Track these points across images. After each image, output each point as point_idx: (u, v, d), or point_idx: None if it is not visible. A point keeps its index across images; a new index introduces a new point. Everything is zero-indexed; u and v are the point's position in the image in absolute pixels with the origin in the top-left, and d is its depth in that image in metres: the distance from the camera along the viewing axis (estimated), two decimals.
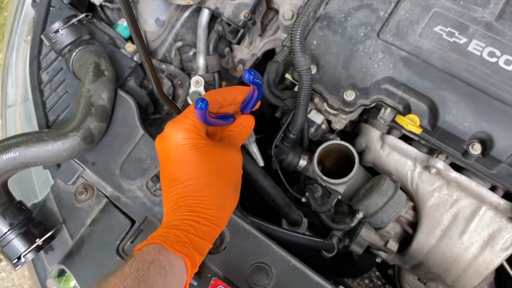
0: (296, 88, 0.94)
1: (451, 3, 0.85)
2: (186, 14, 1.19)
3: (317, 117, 0.96)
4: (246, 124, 0.74)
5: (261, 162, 0.93)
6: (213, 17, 1.14)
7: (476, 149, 0.79)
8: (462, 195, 0.88)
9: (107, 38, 1.03)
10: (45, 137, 0.82)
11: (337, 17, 0.89)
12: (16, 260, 0.81)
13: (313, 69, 0.88)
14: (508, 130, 0.77)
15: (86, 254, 0.85)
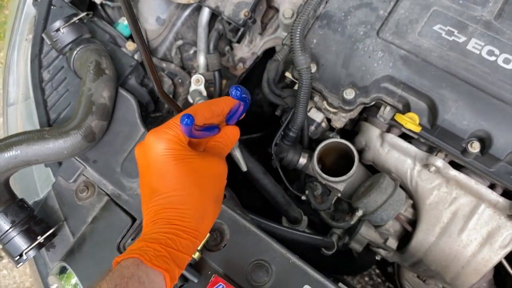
0: (296, 87, 0.94)
1: (450, 2, 0.85)
2: (187, 12, 1.20)
3: (317, 116, 0.97)
4: (231, 135, 0.73)
5: (244, 167, 0.94)
6: (213, 15, 1.14)
7: (475, 147, 0.79)
8: (461, 193, 0.88)
9: (107, 36, 1.04)
10: (47, 135, 0.82)
11: (337, 16, 0.89)
12: (18, 257, 0.81)
13: (313, 68, 0.88)
14: (507, 128, 0.78)
15: (87, 251, 0.86)
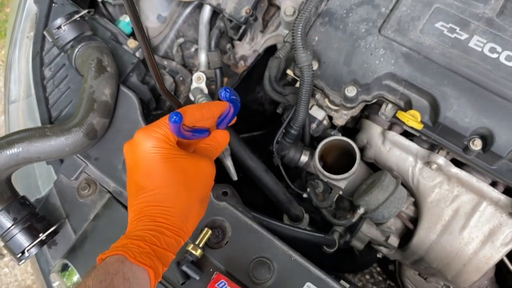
0: (297, 84, 0.94)
1: None
2: (188, 10, 1.19)
3: (318, 113, 0.97)
4: (221, 139, 0.74)
5: (235, 176, 0.94)
6: (214, 13, 1.14)
7: (476, 145, 0.79)
8: (463, 191, 0.88)
9: (109, 34, 1.03)
10: (48, 132, 0.82)
11: (338, 13, 0.89)
12: (20, 254, 0.82)
13: (315, 65, 0.88)
14: (509, 125, 0.78)
15: (89, 249, 0.86)
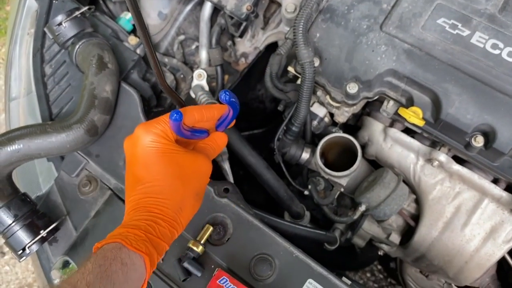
0: (299, 81, 0.94)
1: None
2: (189, 7, 1.19)
3: (319, 110, 0.97)
4: (219, 141, 0.76)
5: (231, 179, 0.95)
6: (215, 10, 1.14)
7: (478, 142, 0.79)
8: (465, 188, 0.88)
9: (110, 31, 1.03)
10: (49, 129, 0.82)
11: (340, 10, 0.89)
12: (21, 251, 0.81)
13: (316, 62, 0.88)
14: (511, 122, 0.77)
15: (90, 245, 0.85)
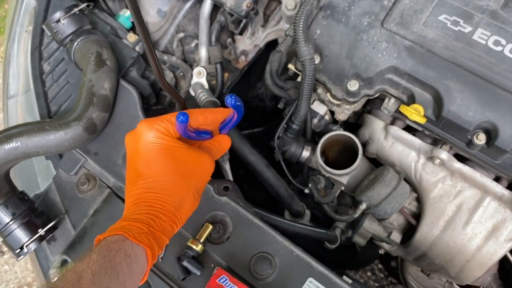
0: (299, 79, 0.93)
1: None
2: (188, 4, 1.19)
3: (320, 108, 0.96)
4: (223, 143, 0.77)
5: (231, 179, 0.95)
6: (215, 7, 1.13)
7: (480, 139, 0.78)
8: (466, 186, 0.87)
9: (108, 28, 1.02)
10: (47, 126, 0.81)
11: (340, 6, 0.88)
12: (19, 250, 0.81)
13: (317, 59, 0.87)
14: None
15: (88, 244, 0.85)
